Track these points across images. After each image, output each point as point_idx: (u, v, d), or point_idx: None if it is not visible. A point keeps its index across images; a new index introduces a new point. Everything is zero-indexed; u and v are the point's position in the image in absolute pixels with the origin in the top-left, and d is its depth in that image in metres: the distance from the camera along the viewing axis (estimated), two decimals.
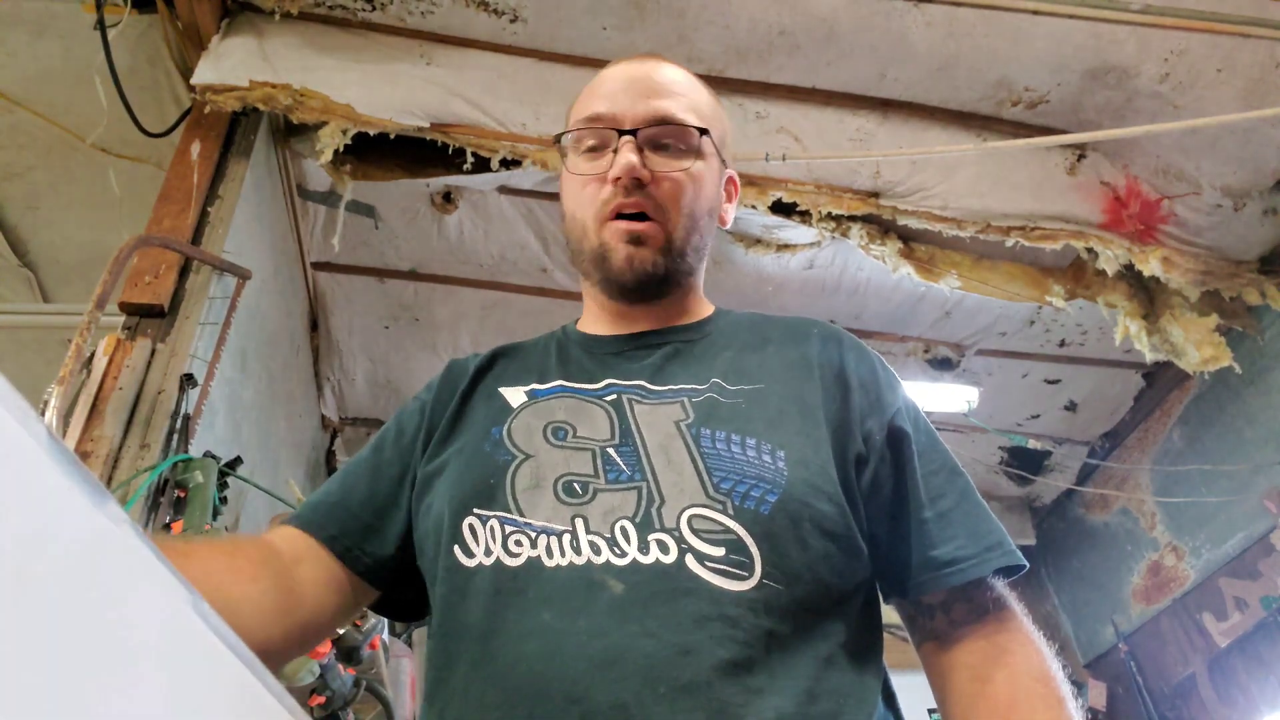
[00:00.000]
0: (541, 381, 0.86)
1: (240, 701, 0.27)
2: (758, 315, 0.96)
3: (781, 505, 0.69)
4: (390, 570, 0.82)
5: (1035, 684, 0.72)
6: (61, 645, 0.20)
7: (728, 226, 0.99)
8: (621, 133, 0.86)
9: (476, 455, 0.79)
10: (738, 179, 1.00)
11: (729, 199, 0.99)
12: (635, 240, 0.85)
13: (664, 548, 0.66)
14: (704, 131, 0.88)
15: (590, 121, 0.89)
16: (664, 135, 0.87)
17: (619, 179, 0.84)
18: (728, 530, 0.68)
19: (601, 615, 0.63)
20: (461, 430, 0.85)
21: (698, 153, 0.88)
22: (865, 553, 0.75)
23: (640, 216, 0.86)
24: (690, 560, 0.66)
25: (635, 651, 0.61)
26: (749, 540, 0.67)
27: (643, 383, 0.82)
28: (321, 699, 1.72)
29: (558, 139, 0.93)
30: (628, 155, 0.84)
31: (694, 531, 0.67)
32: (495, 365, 0.93)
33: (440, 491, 0.78)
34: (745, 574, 0.66)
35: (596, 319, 0.95)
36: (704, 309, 0.96)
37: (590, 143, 0.89)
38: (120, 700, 0.21)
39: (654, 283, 0.87)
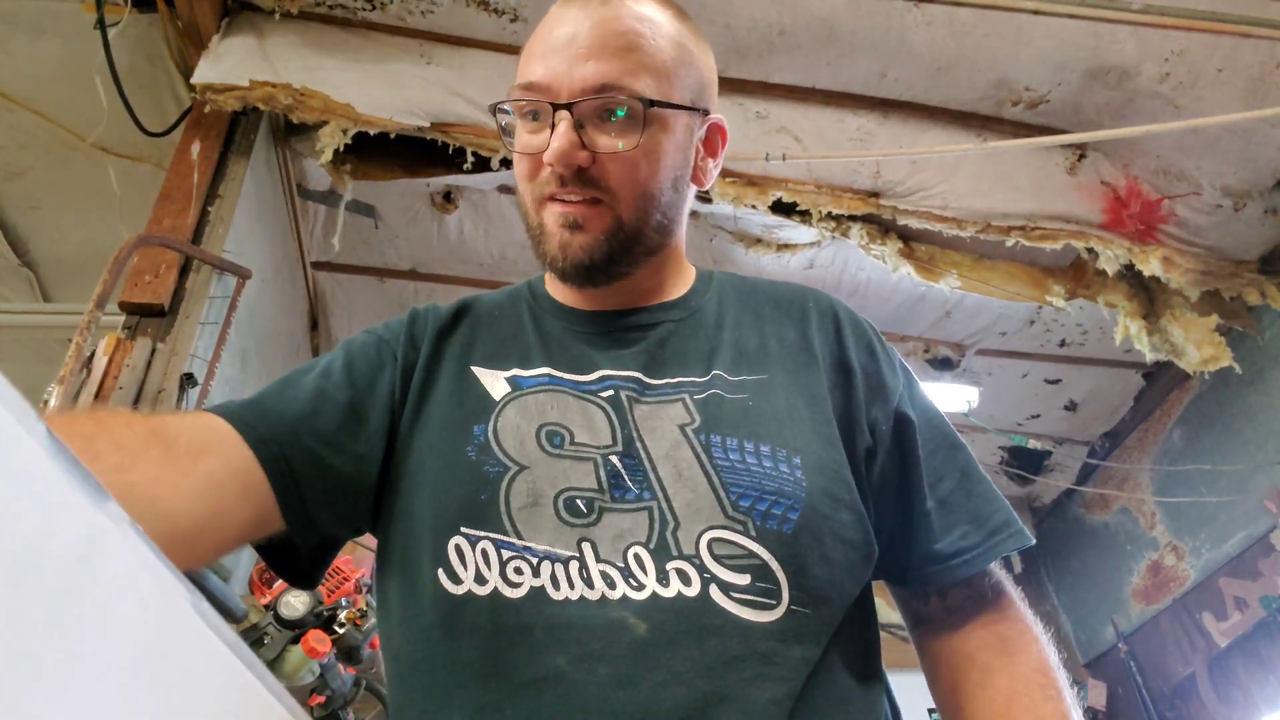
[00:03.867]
0: (524, 366, 0.76)
1: (240, 701, 0.27)
2: (744, 283, 0.87)
3: (804, 522, 0.65)
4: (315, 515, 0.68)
5: (1035, 674, 0.71)
6: (61, 645, 0.20)
7: (709, 185, 0.86)
8: (556, 106, 0.72)
9: (459, 461, 0.69)
10: (725, 126, 0.85)
11: (713, 153, 0.84)
12: (572, 225, 0.73)
13: (685, 578, 0.61)
14: (652, 103, 0.73)
15: (524, 90, 0.74)
16: (608, 104, 0.72)
17: (552, 165, 0.72)
18: (752, 555, 0.62)
19: (624, 661, 0.58)
20: (429, 411, 0.74)
21: (650, 120, 0.74)
22: (877, 552, 0.71)
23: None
24: (715, 591, 0.61)
25: (666, 701, 0.56)
26: (775, 565, 0.62)
27: (638, 375, 0.74)
28: (321, 698, 1.72)
29: (493, 110, 0.78)
30: (559, 139, 0.71)
31: (715, 558, 0.62)
32: (459, 327, 0.81)
33: (420, 498, 0.69)
34: (773, 602, 0.61)
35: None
36: (687, 277, 0.86)
37: (529, 112, 0.76)
38: (119, 700, 0.21)
39: (595, 270, 0.75)
